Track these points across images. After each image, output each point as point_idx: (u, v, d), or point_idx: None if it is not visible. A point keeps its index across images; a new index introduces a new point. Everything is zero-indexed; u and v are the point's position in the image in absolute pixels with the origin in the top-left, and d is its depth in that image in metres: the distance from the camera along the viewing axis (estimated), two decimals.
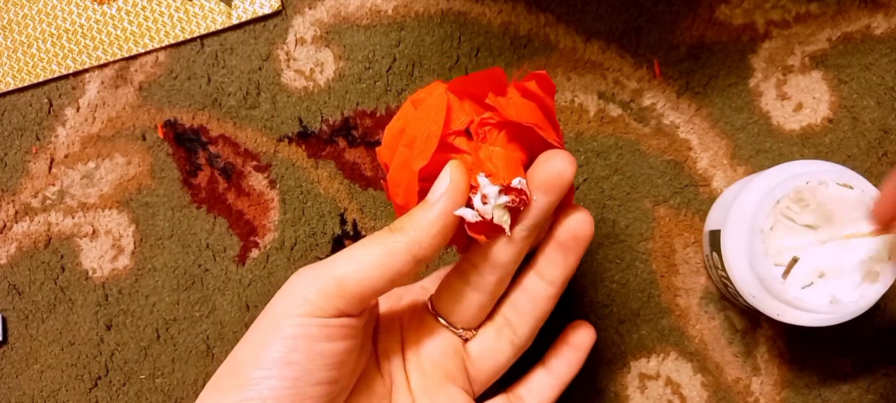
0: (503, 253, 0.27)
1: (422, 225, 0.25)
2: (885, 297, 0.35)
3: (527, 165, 0.27)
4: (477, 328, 0.30)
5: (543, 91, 0.27)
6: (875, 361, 0.37)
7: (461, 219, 0.26)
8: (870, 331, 0.37)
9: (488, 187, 0.25)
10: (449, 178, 0.25)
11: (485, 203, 0.26)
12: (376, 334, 0.31)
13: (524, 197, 0.26)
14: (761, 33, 0.39)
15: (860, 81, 0.38)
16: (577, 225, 0.27)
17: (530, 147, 0.28)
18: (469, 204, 0.26)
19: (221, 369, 0.26)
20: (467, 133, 0.27)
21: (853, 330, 0.37)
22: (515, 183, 0.26)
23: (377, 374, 0.30)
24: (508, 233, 0.26)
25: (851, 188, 0.30)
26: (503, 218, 0.26)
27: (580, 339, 0.32)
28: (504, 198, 0.26)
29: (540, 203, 0.26)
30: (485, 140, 0.26)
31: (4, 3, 0.43)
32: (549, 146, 0.27)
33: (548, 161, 0.26)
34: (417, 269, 0.26)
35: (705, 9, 0.39)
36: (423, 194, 0.27)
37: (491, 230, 0.26)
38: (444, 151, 0.26)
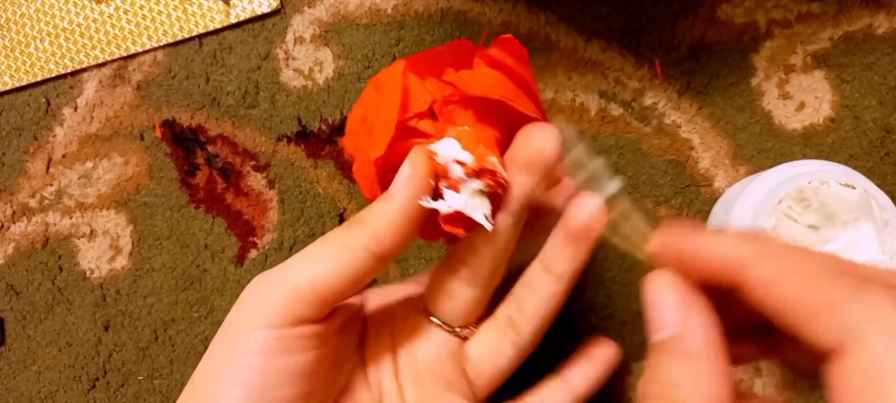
0: (489, 243, 0.24)
1: (380, 218, 0.23)
2: None
3: (505, 145, 0.24)
4: (476, 324, 0.27)
5: (513, 57, 0.24)
6: None
7: (430, 211, 0.23)
8: None
9: (456, 170, 0.23)
10: (410, 166, 0.23)
11: (456, 191, 0.23)
12: (363, 340, 0.28)
13: (500, 179, 0.23)
14: (763, 32, 0.38)
15: (862, 81, 0.38)
16: (588, 212, 0.24)
17: (508, 124, 0.24)
18: (439, 195, 0.23)
19: (186, 389, 0.24)
20: (432, 114, 0.24)
21: None
22: (487, 164, 0.23)
23: (364, 386, 0.27)
24: (489, 224, 0.23)
25: (853, 188, 0.30)
26: (480, 206, 0.23)
27: (602, 353, 0.29)
28: (476, 184, 0.23)
29: (522, 185, 0.24)
30: (451, 120, 0.23)
31: (2, 3, 0.43)
32: (528, 120, 0.24)
33: (526, 136, 0.23)
34: (379, 267, 0.24)
35: (707, 8, 0.39)
36: (387, 183, 0.24)
37: (469, 222, 0.23)
38: (407, 137, 0.24)
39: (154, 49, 0.42)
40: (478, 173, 0.23)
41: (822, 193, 0.30)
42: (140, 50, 0.42)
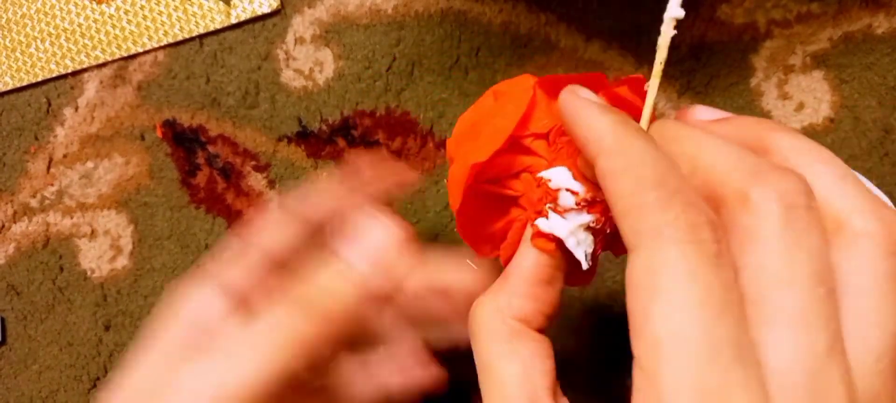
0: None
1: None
2: None
3: None
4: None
5: (641, 98, 0.22)
6: None
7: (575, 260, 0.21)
8: None
9: (567, 199, 0.21)
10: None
11: (563, 217, 0.21)
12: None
13: (611, 216, 0.20)
14: (762, 32, 0.38)
15: (862, 81, 0.38)
16: None
17: None
18: (543, 216, 0.22)
19: None
20: (548, 138, 0.22)
21: None
22: (600, 197, 0.21)
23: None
24: (587, 263, 0.21)
25: None
26: (583, 243, 0.21)
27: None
28: (585, 217, 0.21)
29: None
30: (557, 156, 0.22)
31: (3, 3, 0.43)
32: None
33: None
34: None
35: (707, 8, 0.39)
36: (478, 195, 0.23)
37: (566, 251, 0.22)
38: (515, 152, 0.22)
39: (155, 49, 0.42)
40: (589, 205, 0.21)
41: None
42: (141, 50, 0.42)
